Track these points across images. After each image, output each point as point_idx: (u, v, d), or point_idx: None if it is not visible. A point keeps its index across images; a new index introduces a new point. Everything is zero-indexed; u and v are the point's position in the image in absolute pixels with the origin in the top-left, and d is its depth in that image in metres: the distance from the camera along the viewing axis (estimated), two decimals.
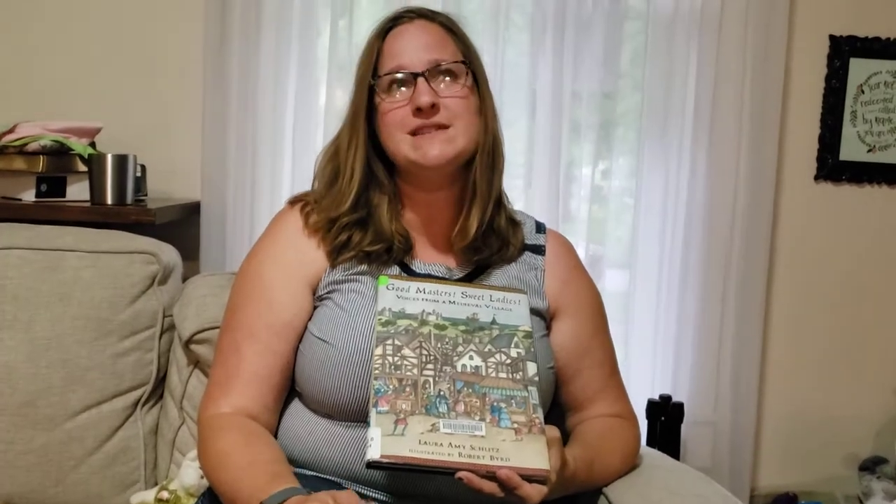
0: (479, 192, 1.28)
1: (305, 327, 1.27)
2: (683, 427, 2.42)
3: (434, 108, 1.23)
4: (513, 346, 1.18)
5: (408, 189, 1.30)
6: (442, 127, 1.23)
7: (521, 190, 2.43)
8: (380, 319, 1.17)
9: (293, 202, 1.35)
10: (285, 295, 1.26)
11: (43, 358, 1.52)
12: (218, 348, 1.29)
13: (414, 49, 1.26)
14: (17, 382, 1.51)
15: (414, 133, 1.24)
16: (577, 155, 2.50)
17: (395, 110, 1.24)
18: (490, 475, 1.04)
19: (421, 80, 1.23)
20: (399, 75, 1.25)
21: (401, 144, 1.24)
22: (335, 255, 1.27)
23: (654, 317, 2.52)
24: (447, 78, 1.25)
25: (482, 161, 1.27)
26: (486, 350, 1.16)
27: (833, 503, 2.45)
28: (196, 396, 1.56)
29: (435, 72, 1.24)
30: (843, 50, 2.51)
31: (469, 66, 1.28)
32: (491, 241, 1.32)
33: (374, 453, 1.03)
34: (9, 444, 1.51)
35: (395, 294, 1.20)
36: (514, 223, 1.36)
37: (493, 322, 1.20)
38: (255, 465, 1.12)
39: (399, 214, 1.30)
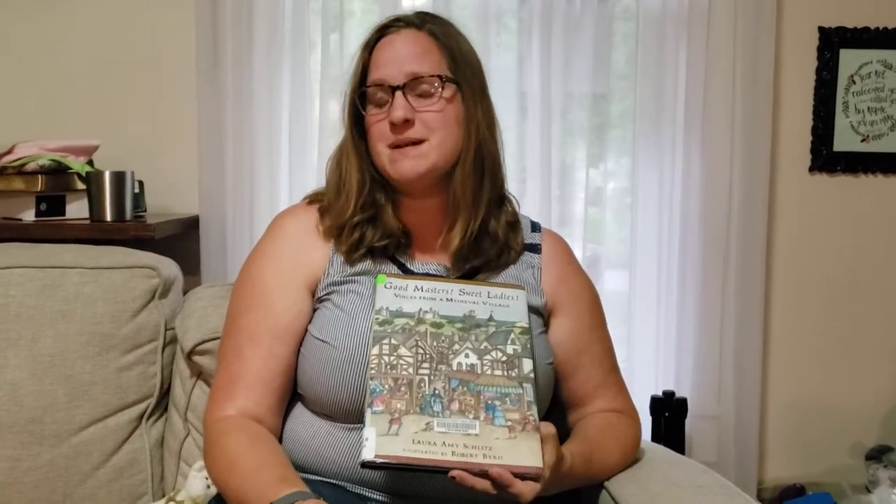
0: (463, 202, 1.28)
1: (306, 330, 1.28)
2: (688, 422, 2.43)
3: (408, 122, 1.24)
4: (509, 342, 1.18)
5: (399, 195, 1.31)
6: (416, 142, 1.24)
7: (515, 193, 2.42)
8: (377, 319, 1.18)
9: (311, 200, 1.37)
10: (284, 299, 1.28)
11: (47, 374, 1.53)
12: (220, 354, 1.31)
13: (395, 61, 1.26)
14: (22, 399, 1.52)
15: (393, 146, 1.25)
16: (573, 157, 2.51)
17: (378, 123, 1.26)
18: (483, 473, 1.04)
19: (398, 93, 1.24)
20: (378, 88, 1.26)
21: (381, 157, 1.27)
22: (351, 253, 1.29)
23: (655, 314, 2.53)
24: (425, 89, 1.25)
25: (463, 171, 1.27)
26: (482, 347, 1.17)
27: (840, 493, 2.44)
28: (200, 407, 1.57)
29: (413, 84, 1.25)
30: (832, 41, 2.53)
31: (447, 80, 1.26)
32: (485, 246, 1.31)
33: (368, 453, 1.04)
34: (16, 460, 1.52)
35: (392, 293, 1.21)
36: (513, 226, 1.36)
37: (490, 319, 1.21)
38: (264, 468, 1.13)
39: (399, 214, 1.31)
